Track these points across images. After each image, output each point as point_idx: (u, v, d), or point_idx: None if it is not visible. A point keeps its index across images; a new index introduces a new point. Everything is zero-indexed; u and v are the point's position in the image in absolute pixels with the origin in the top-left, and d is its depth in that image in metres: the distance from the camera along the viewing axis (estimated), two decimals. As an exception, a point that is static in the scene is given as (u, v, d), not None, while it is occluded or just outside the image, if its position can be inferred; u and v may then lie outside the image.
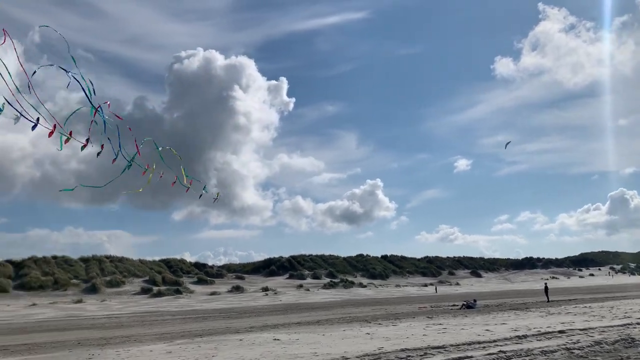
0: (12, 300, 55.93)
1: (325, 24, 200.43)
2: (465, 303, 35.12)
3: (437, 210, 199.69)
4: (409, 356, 13.35)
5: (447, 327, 20.52)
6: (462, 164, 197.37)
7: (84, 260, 73.89)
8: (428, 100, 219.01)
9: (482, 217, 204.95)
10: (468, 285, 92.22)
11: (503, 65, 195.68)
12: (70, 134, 11.41)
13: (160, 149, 15.06)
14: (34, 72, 10.92)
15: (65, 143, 11.27)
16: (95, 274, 69.26)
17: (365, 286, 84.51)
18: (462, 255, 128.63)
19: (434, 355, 13.51)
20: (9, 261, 67.46)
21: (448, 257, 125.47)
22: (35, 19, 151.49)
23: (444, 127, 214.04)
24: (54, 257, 71.82)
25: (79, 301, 56.47)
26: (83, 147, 11.94)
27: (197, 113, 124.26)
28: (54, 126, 10.97)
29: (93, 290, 64.58)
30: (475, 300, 36.15)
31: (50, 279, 64.35)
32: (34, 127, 10.73)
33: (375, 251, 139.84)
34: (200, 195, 18.02)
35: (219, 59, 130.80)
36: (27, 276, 63.70)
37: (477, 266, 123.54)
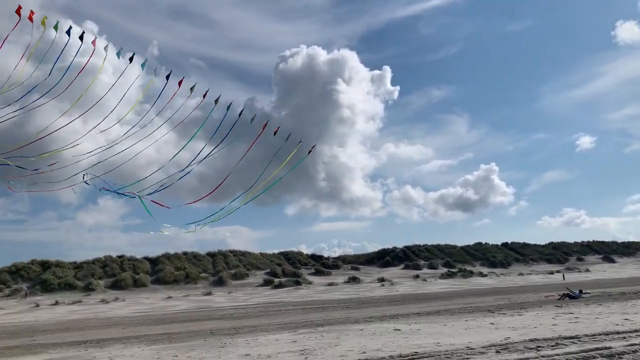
0: (151, 294, 61.33)
1: (427, 7, 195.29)
2: (567, 293, 31.10)
3: (559, 193, 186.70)
4: (539, 347, 12.71)
5: (579, 317, 19.23)
6: (586, 141, 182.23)
7: (211, 255, 79.05)
8: (543, 76, 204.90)
9: (612, 197, 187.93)
10: (600, 272, 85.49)
11: (626, 30, 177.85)
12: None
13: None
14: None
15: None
16: (222, 267, 73.83)
17: (485, 275, 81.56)
18: (591, 240, 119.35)
19: (566, 345, 12.73)
20: (146, 258, 74.35)
21: (575, 242, 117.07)
22: (153, 33, 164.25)
23: (563, 104, 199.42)
24: (184, 253, 77.66)
25: (209, 293, 60.51)
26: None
27: (303, 109, 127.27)
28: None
29: (220, 282, 68.85)
30: (580, 291, 31.90)
31: (182, 274, 69.62)
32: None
33: (494, 239, 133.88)
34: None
35: (322, 55, 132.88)
36: (162, 271, 69.50)
37: (609, 251, 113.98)
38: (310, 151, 19.42)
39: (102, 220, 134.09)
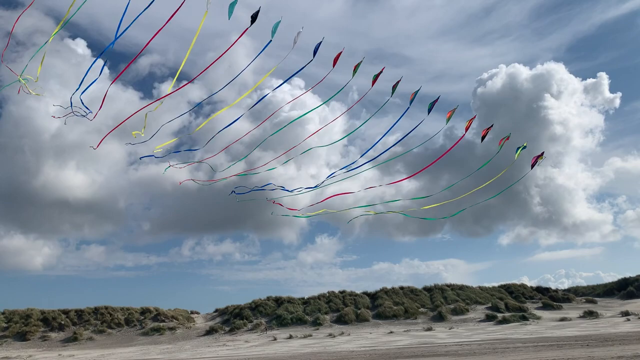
0: (373, 329, 62.99)
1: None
2: None
3: None
4: None
5: None
6: None
7: (427, 289, 78.36)
8: None
9: None
10: None
11: None
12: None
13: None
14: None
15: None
16: (440, 302, 72.53)
17: None
18: None
19: None
20: (365, 293, 76.94)
21: None
22: (353, 79, 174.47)
23: None
24: (401, 288, 78.39)
25: (429, 329, 59.75)
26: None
27: (507, 131, 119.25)
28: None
29: (439, 318, 67.57)
30: None
31: (401, 308, 70.22)
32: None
33: None
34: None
35: (524, 72, 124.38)
36: (381, 306, 71.06)
37: None
38: (535, 162, 17.73)
39: (320, 258, 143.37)
